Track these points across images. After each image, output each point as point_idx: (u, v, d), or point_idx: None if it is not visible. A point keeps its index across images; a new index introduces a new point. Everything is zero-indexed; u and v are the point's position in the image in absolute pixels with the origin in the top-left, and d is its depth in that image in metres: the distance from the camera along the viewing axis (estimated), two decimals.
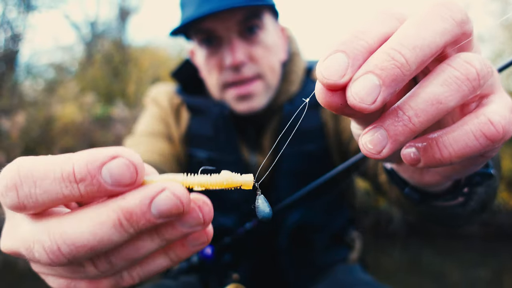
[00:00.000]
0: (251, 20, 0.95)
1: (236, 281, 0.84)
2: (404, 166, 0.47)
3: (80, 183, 0.28)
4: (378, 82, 0.28)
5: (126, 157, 0.29)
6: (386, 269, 4.72)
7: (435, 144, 0.31)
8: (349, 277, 1.03)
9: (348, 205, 1.16)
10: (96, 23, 12.27)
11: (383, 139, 0.30)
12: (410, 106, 0.30)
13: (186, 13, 0.96)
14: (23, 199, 0.29)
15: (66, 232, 0.28)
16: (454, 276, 4.44)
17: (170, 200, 0.29)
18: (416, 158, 0.33)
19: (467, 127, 0.31)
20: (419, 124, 0.29)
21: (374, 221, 6.59)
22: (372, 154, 0.31)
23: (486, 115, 0.31)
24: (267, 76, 0.99)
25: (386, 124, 0.30)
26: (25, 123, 7.70)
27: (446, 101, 0.29)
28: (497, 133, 0.30)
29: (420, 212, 0.71)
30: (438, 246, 5.84)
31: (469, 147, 0.30)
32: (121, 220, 0.28)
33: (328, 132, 1.05)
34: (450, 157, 0.31)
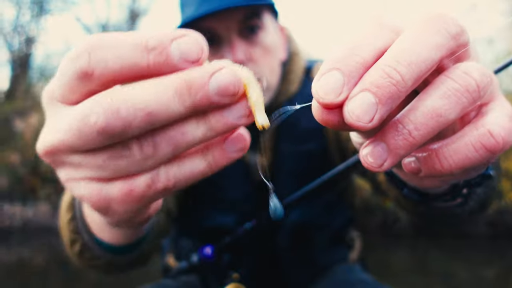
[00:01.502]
0: (251, 19, 0.95)
1: (236, 280, 0.85)
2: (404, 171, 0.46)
3: (151, 52, 0.28)
4: (375, 100, 0.28)
5: (194, 36, 0.30)
6: (393, 269, 4.73)
7: (435, 156, 0.32)
8: (349, 277, 1.04)
9: (348, 205, 1.16)
10: (107, 25, 12.42)
11: (383, 153, 0.30)
12: (410, 120, 0.30)
13: (186, 13, 0.97)
14: (94, 63, 0.28)
15: (128, 93, 0.28)
16: (461, 275, 4.40)
17: (229, 77, 0.30)
18: (416, 168, 0.33)
19: (467, 138, 0.31)
20: (419, 138, 0.29)
21: (381, 221, 6.59)
22: (373, 168, 0.31)
23: (485, 127, 0.30)
24: (266, 77, 1.00)
25: (386, 138, 0.30)
26: (38, 124, 7.85)
27: (446, 114, 0.29)
28: (497, 144, 0.30)
29: (418, 211, 0.72)
30: (445, 245, 5.79)
31: (469, 158, 0.30)
32: (182, 88, 0.29)
33: (328, 131, 1.05)
34: (451, 169, 0.31)
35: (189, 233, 1.11)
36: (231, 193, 1.03)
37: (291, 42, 1.13)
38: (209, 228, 1.03)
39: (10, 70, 10.60)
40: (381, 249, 5.89)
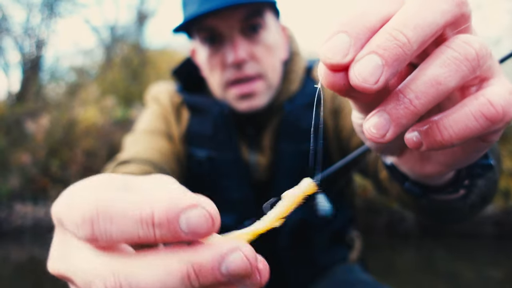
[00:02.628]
0: (253, 18, 0.95)
1: None
2: (405, 158, 0.46)
3: (157, 227, 0.27)
4: (381, 62, 0.28)
5: (205, 208, 0.28)
6: (399, 269, 4.72)
7: (436, 127, 0.32)
8: (349, 277, 1.03)
9: (348, 205, 1.15)
10: (115, 27, 12.50)
11: (386, 123, 0.31)
12: (410, 89, 0.30)
13: (189, 11, 0.96)
14: (97, 234, 0.28)
15: (133, 274, 0.28)
16: (467, 275, 4.38)
17: (241, 262, 0.29)
18: (418, 142, 0.33)
19: (466, 108, 0.31)
20: (420, 106, 0.30)
21: (386, 221, 6.57)
22: (376, 138, 0.31)
23: (485, 96, 0.31)
24: (268, 75, 0.99)
25: (388, 108, 0.31)
26: (49, 126, 7.92)
27: (446, 81, 0.29)
28: (497, 113, 0.30)
29: (420, 207, 0.72)
30: (451, 245, 5.75)
31: (469, 128, 0.30)
32: (190, 273, 0.27)
33: (328, 131, 1.05)
34: (451, 139, 0.31)
35: None
36: (231, 194, 1.03)
37: (292, 42, 1.13)
38: None
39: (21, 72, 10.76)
40: (386, 249, 5.87)
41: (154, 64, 11.06)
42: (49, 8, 11.08)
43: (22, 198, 7.37)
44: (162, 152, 0.99)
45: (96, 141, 7.72)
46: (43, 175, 7.61)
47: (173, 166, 1.01)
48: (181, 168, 1.04)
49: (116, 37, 12.34)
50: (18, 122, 8.16)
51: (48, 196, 7.36)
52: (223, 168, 1.02)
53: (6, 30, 10.63)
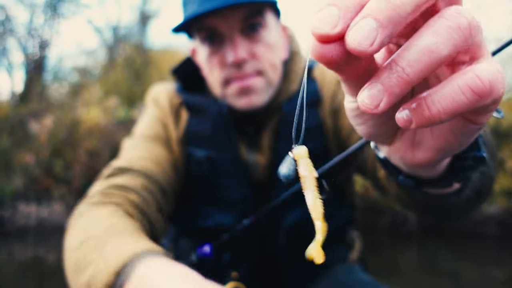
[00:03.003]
0: (253, 17, 0.95)
1: (235, 279, 0.83)
2: (395, 146, 0.46)
3: None
4: (375, 24, 0.29)
5: None
6: (402, 269, 4.73)
7: (424, 102, 0.32)
8: (349, 277, 1.03)
9: (348, 204, 1.15)
10: (118, 27, 12.55)
11: (379, 94, 0.31)
12: (402, 58, 0.30)
13: (189, 10, 0.96)
14: None
15: None
16: (470, 276, 4.38)
17: None
18: (408, 120, 0.33)
19: (454, 83, 0.31)
20: (413, 74, 0.30)
21: (389, 221, 6.57)
22: (370, 109, 0.32)
23: (473, 71, 0.31)
24: (268, 73, 0.99)
25: (381, 78, 0.31)
26: (52, 126, 7.95)
27: (438, 49, 0.30)
28: (484, 87, 0.30)
29: (417, 204, 0.72)
30: (454, 246, 5.75)
31: (457, 102, 0.30)
32: None
33: (327, 130, 1.04)
34: (439, 114, 0.31)
35: (188, 233, 1.11)
36: (230, 193, 1.03)
37: (292, 41, 1.12)
38: (208, 228, 1.03)
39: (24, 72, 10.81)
40: (389, 249, 5.88)
41: (156, 64, 11.10)
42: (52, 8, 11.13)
43: (26, 198, 7.40)
44: (158, 161, 1.00)
45: (99, 141, 7.76)
46: (47, 175, 7.65)
47: (170, 173, 1.01)
48: (178, 174, 1.05)
49: (118, 37, 12.40)
50: (22, 123, 8.21)
51: (51, 196, 7.41)
52: (222, 168, 1.03)
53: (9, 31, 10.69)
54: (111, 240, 0.72)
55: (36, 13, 11.05)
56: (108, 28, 12.66)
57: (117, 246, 0.69)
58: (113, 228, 0.76)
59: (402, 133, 0.44)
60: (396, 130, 0.44)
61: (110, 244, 0.70)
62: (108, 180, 0.93)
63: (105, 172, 0.97)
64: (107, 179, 0.94)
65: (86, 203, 0.88)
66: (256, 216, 0.80)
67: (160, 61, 11.20)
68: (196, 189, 1.06)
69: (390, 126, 0.42)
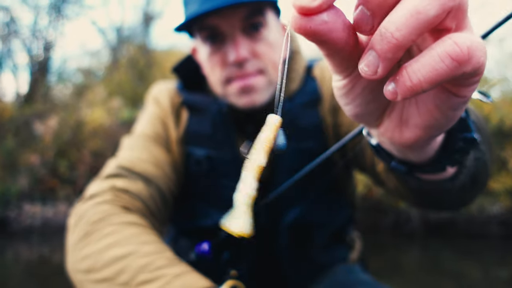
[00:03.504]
0: (255, 17, 0.95)
1: (234, 277, 0.83)
2: (383, 126, 0.46)
3: None
4: None
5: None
6: (405, 269, 4.73)
7: (406, 72, 0.32)
8: (349, 277, 1.03)
9: (348, 204, 1.15)
10: (122, 28, 12.59)
11: (375, 60, 0.32)
12: (390, 22, 0.30)
13: (190, 10, 0.96)
14: None
15: None
16: (473, 276, 4.39)
17: None
18: (394, 92, 0.33)
19: (433, 51, 0.31)
20: (402, 38, 0.30)
21: (392, 221, 6.57)
22: (370, 76, 0.33)
23: (451, 38, 0.31)
24: (269, 71, 0.99)
25: (374, 45, 0.32)
26: (57, 127, 8.00)
27: (425, 10, 0.30)
28: (462, 53, 0.30)
29: (414, 194, 0.72)
30: (457, 245, 5.74)
31: (436, 70, 0.31)
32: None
33: (327, 128, 1.05)
34: (420, 83, 0.31)
35: (188, 233, 1.11)
36: (230, 192, 0.99)
37: (293, 40, 1.13)
38: (208, 227, 1.03)
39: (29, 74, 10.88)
40: (392, 248, 5.88)
41: (160, 65, 11.11)
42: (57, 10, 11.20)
43: (31, 198, 7.45)
44: (159, 162, 1.00)
45: (103, 141, 7.80)
46: (52, 176, 7.70)
47: (170, 176, 1.02)
48: (178, 175, 1.05)
49: (122, 38, 12.43)
50: (27, 124, 8.26)
51: (56, 196, 7.45)
52: (222, 167, 1.03)
53: (14, 32, 10.76)
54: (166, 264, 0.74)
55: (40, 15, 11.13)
56: (111, 29, 12.71)
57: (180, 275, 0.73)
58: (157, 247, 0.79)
59: (390, 112, 0.44)
60: (383, 109, 0.44)
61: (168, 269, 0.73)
62: (109, 181, 0.93)
63: (105, 171, 0.97)
64: (108, 179, 0.94)
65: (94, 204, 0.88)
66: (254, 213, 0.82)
67: (163, 62, 11.20)
68: (196, 189, 1.06)
69: (377, 105, 0.43)
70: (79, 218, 0.87)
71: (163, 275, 0.72)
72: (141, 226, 0.84)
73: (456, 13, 0.32)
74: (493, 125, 6.60)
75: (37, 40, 10.99)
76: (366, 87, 0.41)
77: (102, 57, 12.68)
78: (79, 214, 0.88)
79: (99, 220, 0.84)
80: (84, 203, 0.90)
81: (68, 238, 0.87)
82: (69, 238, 0.87)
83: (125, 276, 0.73)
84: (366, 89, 0.41)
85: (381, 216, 6.56)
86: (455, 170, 0.58)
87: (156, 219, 0.95)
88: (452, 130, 0.50)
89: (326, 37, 0.32)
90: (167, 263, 0.75)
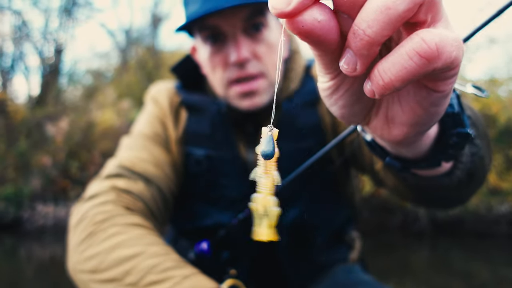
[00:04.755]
0: (256, 17, 0.95)
1: (233, 276, 0.83)
2: (372, 125, 0.46)
3: None
4: None
5: None
6: (413, 268, 4.72)
7: (377, 71, 0.32)
8: (349, 277, 1.03)
9: (348, 204, 1.14)
10: (130, 30, 12.69)
11: (352, 58, 0.32)
12: (362, 20, 0.30)
13: (191, 10, 0.96)
14: None
15: None
16: (482, 275, 4.37)
17: None
18: (371, 90, 0.33)
19: (402, 49, 0.31)
20: (374, 34, 0.30)
21: (401, 221, 6.55)
22: (350, 73, 0.33)
23: (419, 35, 0.30)
24: (270, 73, 0.99)
25: (349, 44, 0.32)
26: (68, 128, 8.11)
27: (395, 5, 0.29)
28: (430, 50, 0.30)
29: (412, 192, 0.71)
30: (466, 245, 5.70)
31: (406, 68, 0.30)
32: None
33: (326, 128, 1.04)
34: (392, 82, 0.31)
35: (188, 233, 1.10)
36: (229, 192, 1.02)
37: (292, 40, 1.12)
38: (207, 227, 1.03)
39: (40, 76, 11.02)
40: (401, 248, 5.86)
41: (168, 66, 11.01)
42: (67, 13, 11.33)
43: (44, 198, 7.56)
44: (159, 162, 1.00)
45: (113, 143, 7.86)
46: (63, 177, 7.81)
47: (170, 176, 1.02)
48: (178, 174, 1.05)
49: (131, 40, 12.53)
50: (39, 125, 8.38)
51: (68, 196, 7.54)
52: (221, 166, 1.03)
53: (26, 35, 10.93)
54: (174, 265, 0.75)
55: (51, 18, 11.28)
56: (120, 31, 12.84)
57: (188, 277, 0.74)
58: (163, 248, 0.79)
59: (376, 112, 0.44)
60: (368, 110, 0.44)
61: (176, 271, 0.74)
62: (109, 181, 0.93)
63: (105, 171, 0.97)
64: (109, 179, 0.94)
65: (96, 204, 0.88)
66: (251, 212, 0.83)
67: (171, 63, 11.12)
68: (195, 188, 1.06)
69: (361, 106, 0.43)
70: (81, 218, 0.86)
71: (172, 276, 0.72)
72: (145, 228, 0.85)
73: (429, 6, 0.32)
74: (502, 124, 6.55)
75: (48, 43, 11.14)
76: (349, 89, 0.41)
77: (111, 58, 12.80)
78: (80, 214, 0.87)
79: (103, 220, 0.83)
80: (85, 203, 0.90)
81: (70, 238, 0.87)
82: (71, 238, 0.87)
83: (132, 277, 0.73)
84: (349, 91, 0.41)
85: (389, 215, 6.54)
86: (451, 166, 0.58)
87: (157, 220, 0.95)
88: (446, 125, 0.50)
89: (320, 37, 0.32)
90: (175, 264, 0.75)
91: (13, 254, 5.98)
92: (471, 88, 0.55)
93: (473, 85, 0.55)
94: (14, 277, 4.56)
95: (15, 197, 7.53)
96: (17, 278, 4.53)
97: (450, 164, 0.58)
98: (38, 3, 11.16)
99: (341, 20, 0.32)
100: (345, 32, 0.33)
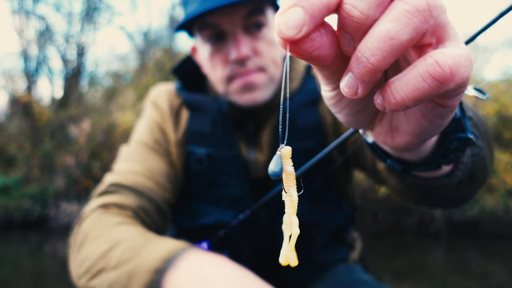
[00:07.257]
0: (255, 15, 0.95)
1: None
2: (376, 131, 0.46)
3: None
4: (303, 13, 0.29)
5: None
6: (430, 269, 4.70)
7: (389, 89, 0.32)
8: (349, 277, 1.02)
9: (348, 204, 1.13)
10: (149, 32, 12.89)
11: (353, 82, 0.32)
12: (366, 47, 0.30)
13: (190, 8, 0.96)
14: None
15: None
16: (499, 277, 4.34)
17: None
18: (381, 104, 0.33)
19: (415, 70, 0.30)
20: (377, 63, 0.30)
21: (417, 221, 6.52)
22: (351, 96, 0.33)
23: (432, 57, 0.30)
24: (270, 68, 0.99)
25: (352, 68, 0.32)
26: (90, 130, 8.32)
27: (398, 35, 0.29)
28: (444, 73, 0.30)
29: (414, 192, 0.71)
30: (483, 246, 5.63)
31: (419, 89, 0.30)
32: None
33: (327, 128, 1.04)
34: (403, 101, 0.31)
35: (188, 233, 1.09)
36: (230, 191, 1.02)
37: None
38: (208, 226, 1.03)
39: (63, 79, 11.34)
40: (417, 249, 5.83)
41: None
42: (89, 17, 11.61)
43: (67, 197, 7.78)
44: (152, 174, 1.00)
45: None
46: (86, 176, 8.03)
47: (166, 186, 1.01)
48: (175, 182, 1.05)
49: (149, 42, 12.72)
50: (62, 127, 8.62)
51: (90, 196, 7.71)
52: (222, 165, 1.03)
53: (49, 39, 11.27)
54: (147, 241, 0.76)
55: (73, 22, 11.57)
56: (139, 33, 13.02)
57: (158, 242, 0.74)
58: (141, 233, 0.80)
59: (380, 119, 0.44)
60: (373, 116, 0.45)
61: (149, 244, 0.74)
62: (99, 199, 0.94)
63: (98, 189, 0.98)
64: (99, 197, 0.95)
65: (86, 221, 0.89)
66: (251, 210, 0.81)
67: None
68: (196, 187, 1.06)
69: (366, 114, 0.44)
70: (76, 235, 0.89)
71: (145, 248, 0.74)
72: (129, 224, 0.86)
73: (434, 31, 0.32)
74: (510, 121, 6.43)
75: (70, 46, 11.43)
76: (353, 99, 0.41)
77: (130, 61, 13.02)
78: (76, 234, 0.89)
79: (91, 229, 0.86)
80: (80, 224, 0.92)
81: (70, 257, 0.89)
82: (71, 256, 0.89)
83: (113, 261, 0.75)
84: (354, 101, 0.41)
85: (405, 216, 6.51)
86: (452, 167, 0.58)
87: (149, 227, 0.94)
88: (447, 130, 0.50)
89: (314, 55, 0.32)
90: (147, 240, 0.77)
91: (38, 251, 6.20)
92: (473, 90, 0.55)
93: (474, 88, 0.55)
94: (39, 272, 4.74)
95: (40, 195, 7.79)
96: (42, 273, 4.71)
97: (451, 166, 0.58)
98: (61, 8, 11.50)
99: (342, 39, 0.33)
100: (344, 50, 0.33)
